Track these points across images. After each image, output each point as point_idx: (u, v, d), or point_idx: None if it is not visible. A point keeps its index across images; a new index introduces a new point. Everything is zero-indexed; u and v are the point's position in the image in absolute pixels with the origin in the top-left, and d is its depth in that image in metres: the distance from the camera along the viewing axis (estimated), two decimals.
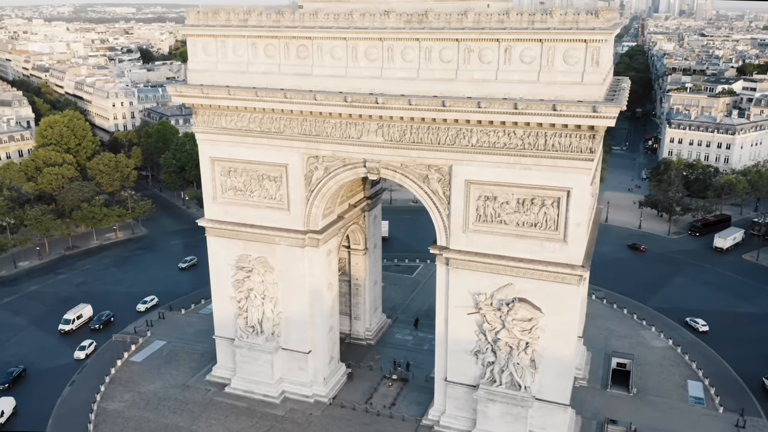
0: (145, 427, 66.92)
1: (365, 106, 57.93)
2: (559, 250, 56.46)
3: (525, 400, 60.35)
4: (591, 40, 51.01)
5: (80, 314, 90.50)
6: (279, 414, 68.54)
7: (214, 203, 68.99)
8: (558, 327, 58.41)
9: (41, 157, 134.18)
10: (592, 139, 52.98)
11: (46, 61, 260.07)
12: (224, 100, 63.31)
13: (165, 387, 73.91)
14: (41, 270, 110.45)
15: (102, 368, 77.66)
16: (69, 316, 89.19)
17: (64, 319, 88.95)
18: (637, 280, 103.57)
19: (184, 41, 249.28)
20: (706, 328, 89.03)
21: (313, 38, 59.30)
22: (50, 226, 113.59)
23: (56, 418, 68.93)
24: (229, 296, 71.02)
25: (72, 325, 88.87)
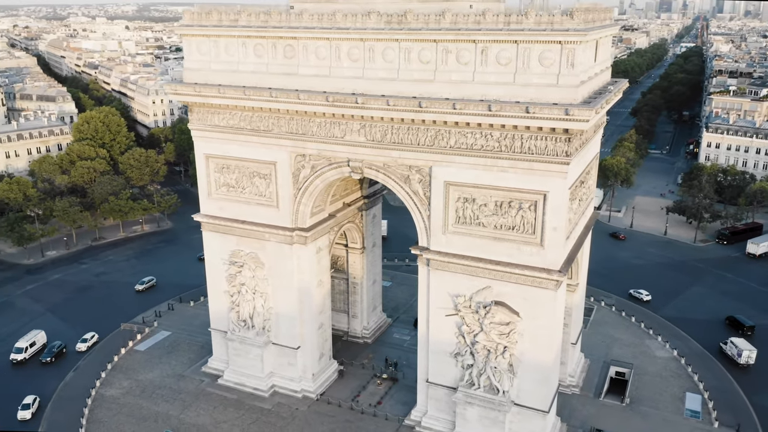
0: (137, 413, 69.16)
1: (346, 106, 58.44)
2: (536, 254, 55.73)
3: (502, 404, 59.79)
4: (566, 42, 50.13)
5: (33, 341, 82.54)
6: (266, 407, 69.76)
7: (209, 199, 70.71)
8: (536, 332, 57.68)
9: (75, 151, 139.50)
10: (567, 143, 52.08)
11: (97, 58, 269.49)
12: (215, 99, 64.83)
13: (162, 376, 76.15)
14: (66, 260, 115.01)
15: (106, 356, 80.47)
16: (21, 344, 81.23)
17: (16, 348, 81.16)
18: (653, 288, 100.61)
19: None
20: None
21: (298, 38, 60.16)
22: (77, 218, 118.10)
23: (55, 402, 71.90)
24: (223, 290, 72.69)
25: (25, 354, 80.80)
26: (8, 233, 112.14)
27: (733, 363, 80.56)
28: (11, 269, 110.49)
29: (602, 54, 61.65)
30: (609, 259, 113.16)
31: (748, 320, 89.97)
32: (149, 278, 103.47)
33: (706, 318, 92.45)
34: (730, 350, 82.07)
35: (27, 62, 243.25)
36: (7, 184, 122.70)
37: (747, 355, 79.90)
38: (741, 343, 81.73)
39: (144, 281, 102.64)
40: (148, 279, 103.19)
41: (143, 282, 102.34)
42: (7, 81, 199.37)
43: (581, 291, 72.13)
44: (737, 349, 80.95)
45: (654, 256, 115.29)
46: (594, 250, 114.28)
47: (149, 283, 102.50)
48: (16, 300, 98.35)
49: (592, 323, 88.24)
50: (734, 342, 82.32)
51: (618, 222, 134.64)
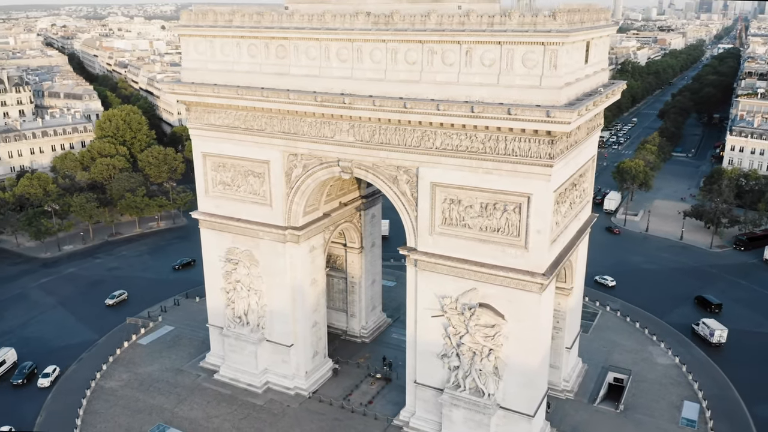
0: (132, 406, 70.56)
1: (334, 106, 58.80)
2: (520, 256, 55.32)
3: (487, 407, 59.45)
4: (548, 43, 49.64)
5: (3, 360, 78.21)
6: (258, 403, 70.55)
7: (206, 197, 71.76)
8: (522, 335, 57.24)
9: (96, 148, 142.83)
10: (550, 145, 51.55)
11: (127, 57, 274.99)
12: (210, 98, 65.78)
13: (161, 370, 77.52)
14: (82, 254, 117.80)
15: (110, 348, 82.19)
16: None
17: None
18: (662, 293, 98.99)
19: None
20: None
21: (289, 38, 60.72)
22: (94, 214, 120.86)
23: (56, 393, 73.75)
24: (219, 287, 73.70)
25: None
26: (26, 227, 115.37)
27: (706, 343, 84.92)
28: (28, 262, 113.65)
29: (596, 55, 60.81)
30: (620, 263, 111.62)
31: (715, 299, 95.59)
32: (120, 292, 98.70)
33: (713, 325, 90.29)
34: (702, 330, 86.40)
35: (58, 61, 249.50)
36: (28, 179, 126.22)
37: (719, 334, 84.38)
38: (712, 324, 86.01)
39: (114, 295, 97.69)
40: (118, 293, 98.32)
41: (113, 296, 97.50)
42: (37, 79, 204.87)
43: (577, 295, 71.23)
44: (709, 329, 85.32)
45: (667, 261, 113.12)
46: (604, 254, 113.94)
47: (120, 297, 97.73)
48: (30, 292, 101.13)
49: (594, 328, 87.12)
50: (706, 323, 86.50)
51: (634, 226, 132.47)
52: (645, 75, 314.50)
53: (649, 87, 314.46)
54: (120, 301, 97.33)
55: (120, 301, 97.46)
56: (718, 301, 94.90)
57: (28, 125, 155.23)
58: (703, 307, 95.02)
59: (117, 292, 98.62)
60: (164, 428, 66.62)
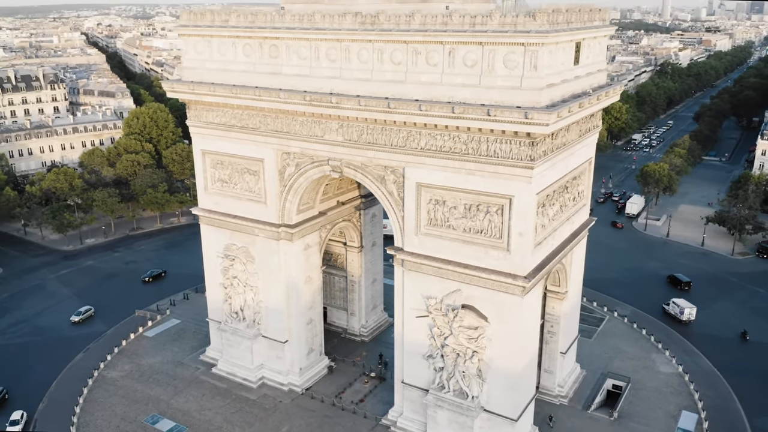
0: (130, 396, 72.39)
1: (322, 105, 59.30)
2: (502, 258, 54.90)
3: (470, 409, 59.14)
4: (528, 44, 49.16)
5: None
6: (251, 398, 71.57)
7: (206, 193, 73.13)
8: (505, 338, 56.81)
9: (123, 145, 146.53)
10: (531, 147, 51.02)
11: (164, 56, 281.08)
12: (207, 96, 67.03)
13: (162, 362, 79.30)
14: (102, 247, 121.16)
15: (116, 340, 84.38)
16: None
17: None
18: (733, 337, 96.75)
19: None
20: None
21: (281, 38, 61.45)
22: (115, 209, 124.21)
23: (60, 381, 76.11)
24: (218, 282, 75.03)
25: None
26: (50, 221, 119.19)
27: (676, 321, 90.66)
28: (50, 254, 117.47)
29: (589, 56, 59.76)
30: (634, 268, 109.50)
31: (685, 277, 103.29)
32: (86, 308, 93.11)
33: (725, 335, 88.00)
34: (672, 310, 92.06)
35: (97, 59, 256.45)
36: (55, 174, 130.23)
37: (688, 312, 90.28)
38: (682, 303, 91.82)
39: (80, 312, 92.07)
40: (85, 309, 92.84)
41: (79, 313, 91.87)
42: (74, 77, 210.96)
43: (572, 299, 70.11)
44: (679, 308, 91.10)
45: (684, 268, 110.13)
46: (618, 258, 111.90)
47: (86, 313, 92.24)
48: (48, 283, 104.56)
49: (599, 334, 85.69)
50: (676, 302, 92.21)
51: (655, 231, 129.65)
52: (685, 77, 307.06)
53: (688, 89, 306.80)
54: (86, 318, 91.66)
55: (86, 317, 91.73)
56: (688, 279, 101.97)
57: (59, 121, 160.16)
58: (674, 285, 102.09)
59: (83, 308, 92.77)
60: (158, 419, 68.21)
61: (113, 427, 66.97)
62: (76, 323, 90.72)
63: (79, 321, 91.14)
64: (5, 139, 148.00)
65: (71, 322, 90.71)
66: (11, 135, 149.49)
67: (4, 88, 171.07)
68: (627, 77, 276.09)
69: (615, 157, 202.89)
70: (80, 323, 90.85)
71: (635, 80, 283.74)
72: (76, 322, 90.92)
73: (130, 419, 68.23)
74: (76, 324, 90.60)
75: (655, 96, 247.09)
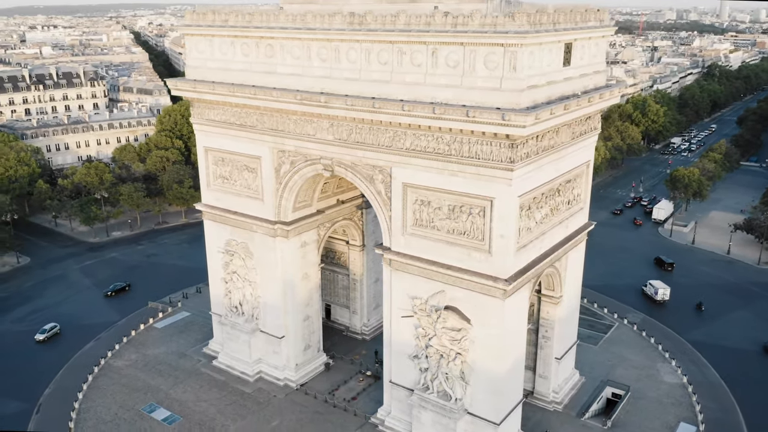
0: (132, 384, 74.54)
1: (312, 105, 59.93)
2: (484, 260, 54.53)
3: (453, 411, 58.88)
4: (507, 45, 48.73)
5: None
6: (247, 391, 72.78)
7: (208, 189, 74.74)
8: (487, 341, 56.42)
9: (153, 141, 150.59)
10: (511, 149, 50.54)
11: None
12: (208, 95, 68.50)
13: (166, 353, 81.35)
14: (127, 240, 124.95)
15: (126, 330, 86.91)
16: None
17: None
18: (689, 309, 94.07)
19: None
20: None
21: (276, 38, 62.37)
22: (140, 203, 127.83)
23: (68, 368, 78.78)
24: (220, 276, 76.53)
25: None
26: (78, 213, 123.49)
27: (651, 300, 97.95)
28: (76, 246, 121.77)
29: (584, 57, 58.63)
30: (651, 276, 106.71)
31: (668, 258, 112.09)
32: (51, 325, 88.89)
33: (739, 347, 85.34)
34: (648, 290, 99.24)
35: (140, 57, 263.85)
36: (86, 168, 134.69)
37: (662, 293, 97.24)
38: (657, 284, 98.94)
39: (45, 329, 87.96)
40: (50, 326, 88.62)
41: (44, 331, 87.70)
42: (116, 74, 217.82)
43: (568, 304, 68.86)
44: (654, 288, 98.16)
45: (705, 276, 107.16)
46: (635, 265, 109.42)
47: (52, 331, 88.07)
48: (70, 273, 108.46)
49: (605, 341, 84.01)
50: (652, 283, 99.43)
51: (681, 237, 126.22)
52: (733, 79, 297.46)
53: (736, 92, 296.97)
54: (51, 336, 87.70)
55: (52, 335, 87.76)
56: (671, 261, 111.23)
57: (95, 117, 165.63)
58: (660, 266, 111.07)
59: (48, 326, 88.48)
60: (155, 408, 70.06)
61: (112, 414, 69.08)
62: (40, 342, 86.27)
63: (44, 339, 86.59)
64: (43, 134, 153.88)
65: (35, 341, 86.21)
66: (49, 130, 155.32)
67: (45, 84, 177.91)
68: (671, 79, 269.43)
69: (651, 160, 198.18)
70: (45, 342, 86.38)
71: (680, 82, 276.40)
72: (41, 340, 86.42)
73: (128, 407, 70.27)
74: (40, 343, 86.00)
75: (698, 99, 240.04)
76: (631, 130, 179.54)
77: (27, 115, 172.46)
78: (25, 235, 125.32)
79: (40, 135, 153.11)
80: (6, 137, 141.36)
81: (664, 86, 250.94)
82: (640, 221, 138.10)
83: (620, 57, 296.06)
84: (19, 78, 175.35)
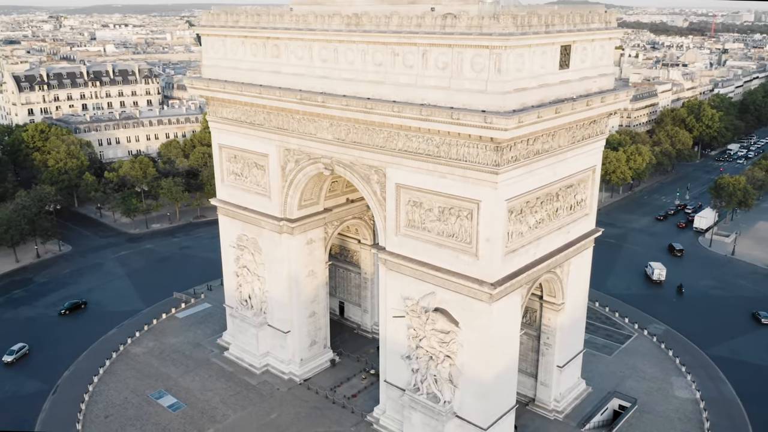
0: (145, 371, 77.47)
1: (312, 104, 60.96)
2: (471, 264, 54.26)
3: (441, 414, 58.76)
4: (492, 47, 48.34)
5: None
6: (252, 383, 74.52)
7: (222, 185, 76.91)
8: (475, 345, 56.11)
9: (198, 137, 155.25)
10: (496, 152, 50.13)
11: None
12: (219, 93, 70.55)
13: (182, 342, 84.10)
14: (164, 233, 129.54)
15: (149, 319, 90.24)
16: None
17: None
18: (718, 323, 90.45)
19: None
20: None
21: (281, 38, 63.69)
22: (178, 197, 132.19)
23: (90, 351, 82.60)
24: (232, 270, 78.62)
25: None
26: (119, 205, 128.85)
27: (650, 280, 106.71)
28: (117, 236, 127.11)
29: (586, 60, 57.40)
30: (683, 286, 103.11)
31: (679, 245, 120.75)
32: (20, 346, 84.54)
33: (765, 364, 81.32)
34: (648, 271, 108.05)
35: (197, 57, 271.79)
36: (131, 162, 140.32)
37: (658, 273, 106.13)
38: (655, 265, 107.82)
39: (13, 350, 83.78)
40: (18, 347, 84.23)
41: (12, 352, 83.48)
42: (173, 72, 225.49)
43: (571, 312, 67.27)
44: (651, 269, 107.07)
45: (740, 289, 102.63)
46: (666, 274, 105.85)
47: (20, 352, 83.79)
48: (107, 263, 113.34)
49: (621, 351, 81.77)
50: (651, 264, 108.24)
51: (721, 248, 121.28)
52: None
53: None
54: (20, 357, 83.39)
55: (20, 356, 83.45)
56: (681, 247, 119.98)
57: (146, 114, 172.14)
58: (671, 252, 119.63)
59: (17, 347, 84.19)
60: (163, 394, 72.63)
61: (122, 399, 72.04)
62: (8, 364, 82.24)
63: (12, 361, 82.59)
64: (95, 128, 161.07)
65: (3, 363, 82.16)
66: (101, 125, 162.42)
67: (102, 81, 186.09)
68: (734, 83, 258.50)
69: (704, 167, 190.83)
70: (13, 363, 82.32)
71: (744, 87, 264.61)
72: (9, 362, 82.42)
73: (138, 392, 73.10)
74: (8, 365, 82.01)
75: (760, 104, 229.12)
76: (682, 135, 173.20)
77: (84, 110, 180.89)
78: (70, 224, 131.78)
79: (92, 129, 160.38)
80: (60, 131, 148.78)
81: (726, 90, 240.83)
82: (683, 224, 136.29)
83: (682, 59, 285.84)
84: (77, 75, 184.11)
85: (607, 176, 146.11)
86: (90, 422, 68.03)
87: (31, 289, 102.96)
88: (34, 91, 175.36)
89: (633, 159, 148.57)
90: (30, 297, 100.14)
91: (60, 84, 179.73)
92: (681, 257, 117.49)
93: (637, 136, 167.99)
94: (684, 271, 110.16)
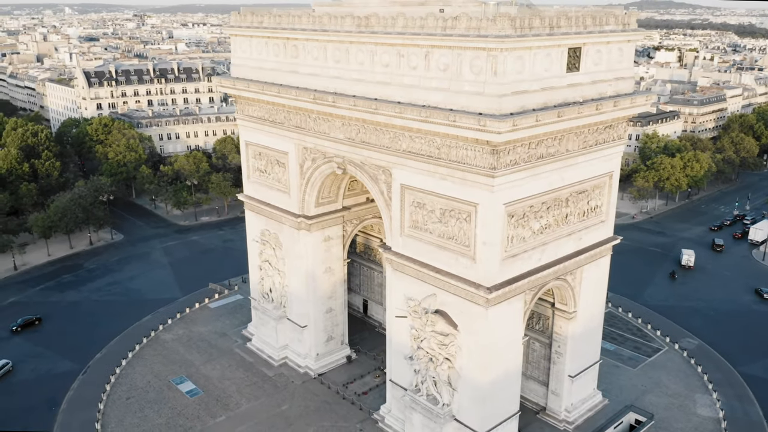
0: (171, 357, 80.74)
1: (323, 104, 62.09)
2: (470, 267, 54.02)
3: (440, 416, 58.70)
4: (489, 49, 47.99)
5: None
6: (269, 375, 76.47)
7: (248, 181, 79.20)
8: (473, 349, 55.83)
9: None
10: (493, 155, 49.71)
11: None
12: (244, 92, 72.75)
13: (209, 331, 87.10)
14: (212, 225, 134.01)
15: (183, 307, 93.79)
16: None
17: None
18: (756, 340, 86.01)
19: None
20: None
21: (299, 39, 65.13)
22: (226, 191, 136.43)
23: (123, 336, 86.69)
24: (256, 264, 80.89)
25: None
26: (171, 198, 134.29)
27: (680, 265, 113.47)
28: (167, 227, 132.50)
29: (600, 63, 55.93)
30: (725, 300, 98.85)
31: (721, 240, 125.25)
32: (4, 362, 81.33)
33: None
34: (680, 257, 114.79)
35: None
36: (186, 157, 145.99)
37: (687, 258, 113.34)
38: (686, 251, 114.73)
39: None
40: (2, 363, 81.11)
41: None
42: None
43: (584, 321, 65.57)
44: (683, 255, 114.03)
45: None
46: (710, 287, 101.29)
47: (4, 368, 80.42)
48: (153, 252, 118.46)
49: (647, 365, 79.02)
50: (683, 251, 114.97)
51: None
52: None
53: None
54: (5, 373, 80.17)
55: (5, 373, 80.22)
56: (722, 242, 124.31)
57: (205, 110, 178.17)
58: (713, 248, 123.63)
59: (1, 363, 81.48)
60: (183, 380, 75.58)
61: (145, 382, 75.41)
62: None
63: None
64: (156, 124, 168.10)
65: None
66: (162, 120, 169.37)
67: (167, 78, 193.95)
68: None
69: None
70: None
71: None
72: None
73: (161, 377, 76.31)
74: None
75: None
76: (747, 142, 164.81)
77: (149, 105, 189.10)
78: (126, 215, 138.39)
79: (153, 124, 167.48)
80: (122, 125, 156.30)
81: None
82: (739, 234, 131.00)
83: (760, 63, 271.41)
84: (144, 72, 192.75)
85: (661, 183, 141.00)
86: (112, 402, 71.59)
87: (79, 274, 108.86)
88: (103, 87, 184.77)
89: (690, 166, 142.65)
90: (77, 282, 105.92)
91: (127, 80, 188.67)
92: (720, 252, 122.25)
93: (699, 143, 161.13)
94: (731, 284, 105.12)
